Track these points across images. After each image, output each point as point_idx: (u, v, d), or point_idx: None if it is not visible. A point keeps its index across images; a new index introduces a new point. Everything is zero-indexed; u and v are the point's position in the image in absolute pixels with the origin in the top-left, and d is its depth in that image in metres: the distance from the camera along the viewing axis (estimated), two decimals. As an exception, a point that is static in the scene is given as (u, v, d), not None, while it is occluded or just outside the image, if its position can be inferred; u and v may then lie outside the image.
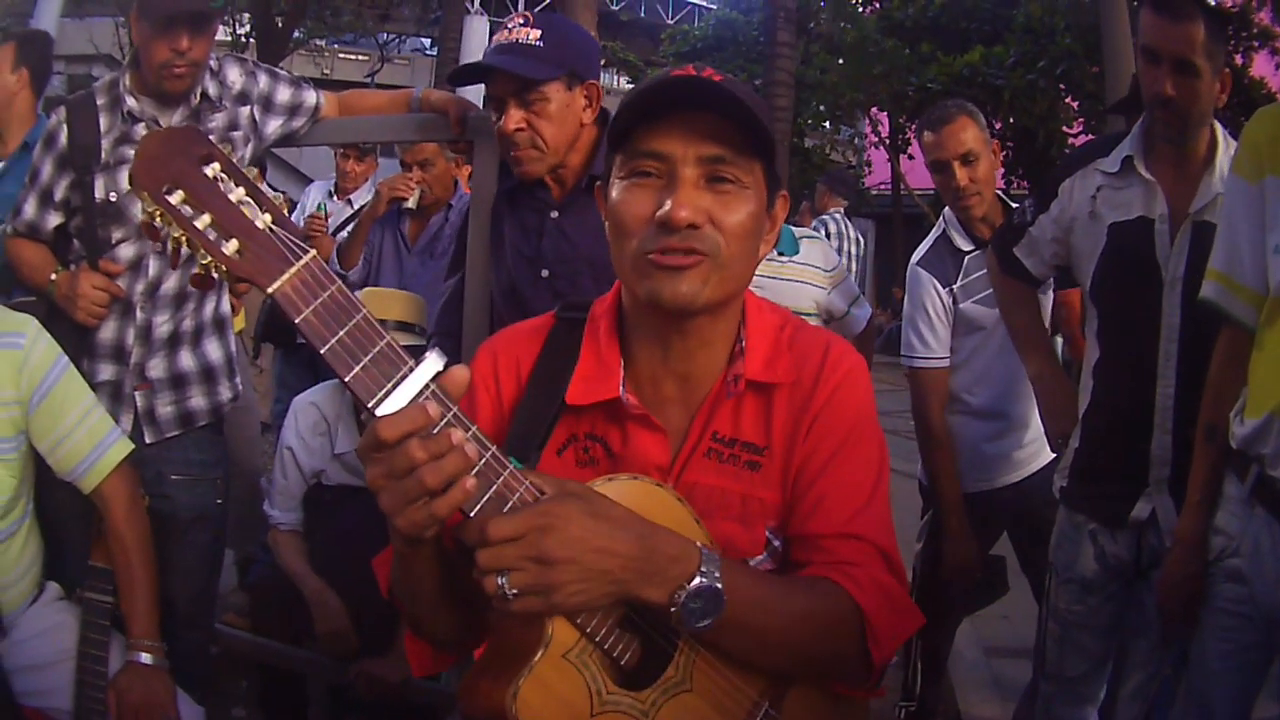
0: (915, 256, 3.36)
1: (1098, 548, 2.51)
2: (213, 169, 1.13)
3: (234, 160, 1.16)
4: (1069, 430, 2.64)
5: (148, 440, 2.66)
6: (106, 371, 2.65)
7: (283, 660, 3.27)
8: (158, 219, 1.11)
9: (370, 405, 1.15)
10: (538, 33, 2.31)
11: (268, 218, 1.14)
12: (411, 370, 1.16)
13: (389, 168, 5.16)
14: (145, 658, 2.29)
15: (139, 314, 2.65)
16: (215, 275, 1.14)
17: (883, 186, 20.98)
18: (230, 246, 1.12)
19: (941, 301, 3.22)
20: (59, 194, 2.65)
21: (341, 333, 1.14)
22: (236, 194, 1.14)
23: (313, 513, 3.31)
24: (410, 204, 4.19)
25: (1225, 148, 2.40)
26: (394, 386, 1.15)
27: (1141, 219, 2.43)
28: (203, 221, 1.12)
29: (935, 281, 3.23)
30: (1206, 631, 2.15)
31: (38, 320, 2.34)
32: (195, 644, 2.75)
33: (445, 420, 1.15)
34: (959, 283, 3.21)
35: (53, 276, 2.61)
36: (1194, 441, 2.22)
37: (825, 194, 8.00)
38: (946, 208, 3.31)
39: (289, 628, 3.22)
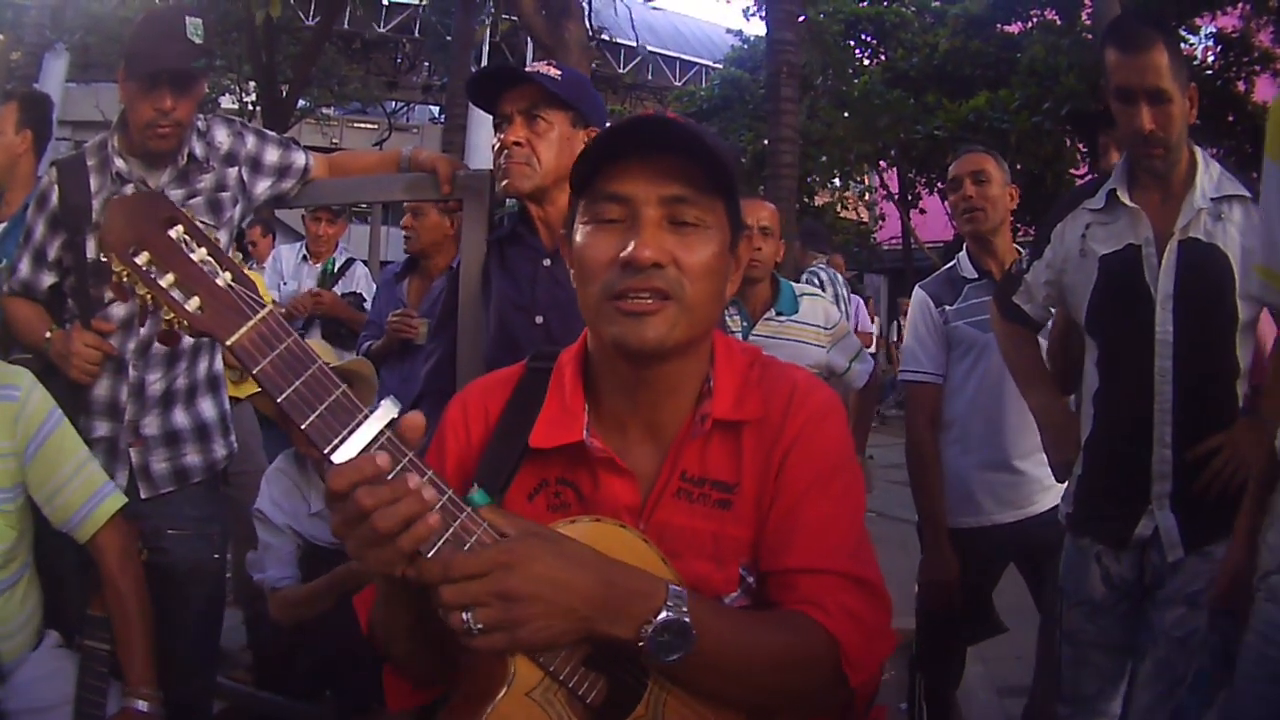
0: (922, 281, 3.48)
1: (1103, 569, 2.50)
2: (176, 231, 1.19)
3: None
4: (1072, 458, 2.64)
5: (143, 495, 2.66)
6: (102, 428, 2.66)
7: (288, 715, 3.23)
8: (125, 278, 1.18)
9: (326, 451, 1.18)
10: (559, 72, 2.41)
11: (228, 275, 1.20)
12: (366, 417, 1.19)
13: (360, 232, 5.10)
14: (141, 705, 2.28)
15: (132, 372, 2.67)
16: (179, 331, 1.20)
17: (894, 241, 21.03)
18: (192, 303, 1.18)
19: (932, 319, 3.32)
20: (52, 253, 2.68)
21: (298, 383, 1.19)
22: (199, 254, 1.20)
23: (312, 576, 3.22)
24: (419, 341, 3.96)
25: (1205, 166, 2.43)
26: (349, 433, 1.19)
27: (1129, 246, 2.46)
28: (166, 280, 1.18)
29: (930, 301, 3.35)
30: (1244, 656, 2.01)
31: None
32: (195, 696, 2.73)
33: (401, 466, 1.18)
34: (954, 305, 3.29)
35: (47, 335, 2.63)
36: (1193, 459, 2.20)
37: (801, 251, 7.78)
38: (963, 249, 3.41)
39: (295, 683, 3.19)
